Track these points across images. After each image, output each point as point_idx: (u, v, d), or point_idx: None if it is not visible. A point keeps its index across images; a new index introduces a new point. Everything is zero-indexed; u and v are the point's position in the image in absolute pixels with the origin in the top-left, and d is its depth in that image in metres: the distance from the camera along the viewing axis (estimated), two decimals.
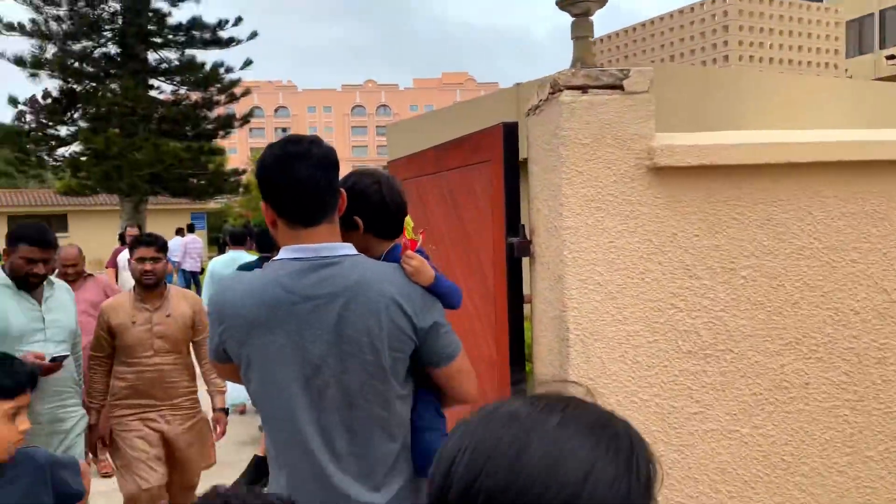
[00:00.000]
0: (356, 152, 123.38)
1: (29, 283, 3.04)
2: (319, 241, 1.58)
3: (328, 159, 1.61)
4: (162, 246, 3.51)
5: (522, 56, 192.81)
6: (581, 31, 2.34)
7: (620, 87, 2.05)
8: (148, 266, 3.40)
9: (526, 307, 2.60)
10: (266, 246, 4.99)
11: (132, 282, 3.38)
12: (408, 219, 1.73)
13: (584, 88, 2.04)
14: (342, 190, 1.65)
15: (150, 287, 3.44)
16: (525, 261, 2.51)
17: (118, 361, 3.44)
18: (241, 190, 20.13)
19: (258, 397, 1.63)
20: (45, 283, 3.16)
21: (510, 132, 2.50)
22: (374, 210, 1.71)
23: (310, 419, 1.55)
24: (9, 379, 1.98)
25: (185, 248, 13.90)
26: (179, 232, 14.96)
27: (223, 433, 3.71)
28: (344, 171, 1.75)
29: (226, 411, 3.75)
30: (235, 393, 4.77)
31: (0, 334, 2.93)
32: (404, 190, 1.82)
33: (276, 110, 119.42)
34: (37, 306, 3.10)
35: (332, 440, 1.56)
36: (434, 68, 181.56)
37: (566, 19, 2.38)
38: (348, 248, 1.61)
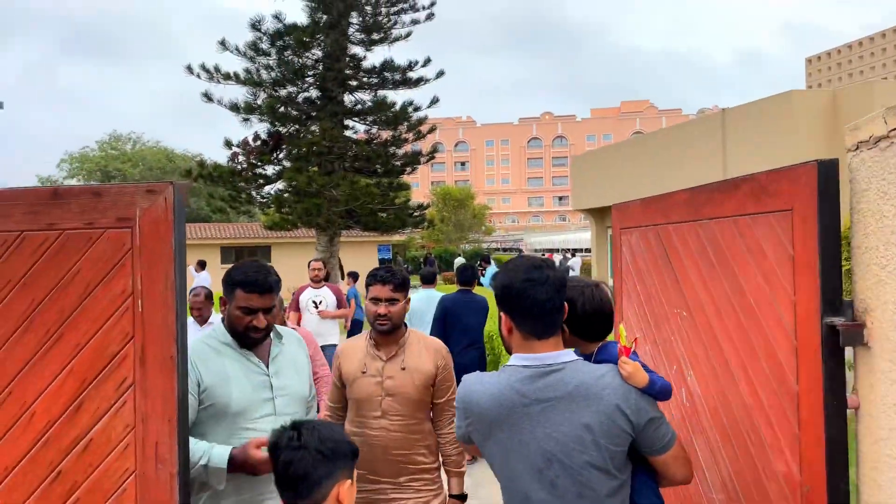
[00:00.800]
0: (532, 183, 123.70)
1: (250, 340, 2.42)
2: (547, 350, 1.85)
3: (561, 282, 1.88)
4: (400, 284, 2.88)
5: (701, 81, 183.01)
6: None
7: None
8: (382, 309, 2.83)
9: (848, 412, 1.89)
10: (466, 281, 6.16)
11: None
12: (622, 327, 2.02)
13: None
14: (566, 304, 1.91)
15: (384, 333, 2.87)
16: (849, 350, 1.82)
17: (348, 420, 2.89)
18: (425, 224, 20.50)
19: (501, 479, 1.92)
20: (272, 335, 2.53)
21: (828, 174, 1.84)
22: (576, 318, 1.99)
23: (534, 499, 1.82)
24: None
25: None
26: (201, 265, 14.83)
27: None
28: (520, 203, 1.56)
29: (462, 497, 2.97)
30: None
31: (219, 411, 2.33)
32: (608, 298, 2.07)
33: (455, 145, 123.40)
34: (263, 369, 2.46)
35: None
36: (608, 97, 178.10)
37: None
38: (569, 356, 1.86)
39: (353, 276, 13.99)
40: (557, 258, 35.08)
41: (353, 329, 9.89)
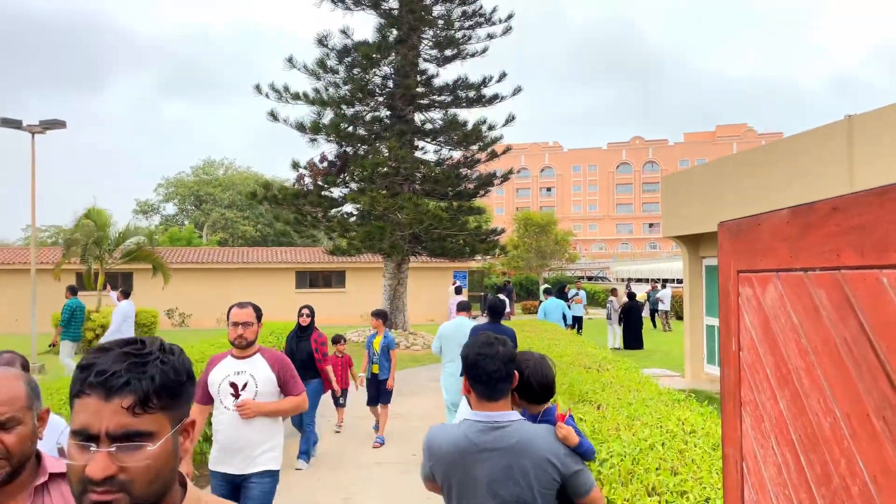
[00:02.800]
0: (620, 210, 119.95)
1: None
2: (496, 410, 2.36)
3: (509, 357, 2.40)
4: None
5: (792, 108, 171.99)
6: None
7: None
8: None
9: None
10: (496, 313, 6.64)
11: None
12: (557, 397, 3.13)
13: None
14: (515, 373, 2.44)
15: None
16: None
17: None
18: (497, 251, 19.09)
19: None
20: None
21: None
22: (524, 385, 2.53)
23: None
24: None
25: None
26: (125, 294, 13.05)
27: None
28: (608, 229, 6.98)
29: None
30: None
31: None
32: (550, 370, 2.60)
33: (541, 170, 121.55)
34: None
35: None
36: (698, 123, 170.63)
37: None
38: (514, 416, 2.37)
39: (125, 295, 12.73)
40: (640, 289, 32.80)
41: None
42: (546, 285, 29.02)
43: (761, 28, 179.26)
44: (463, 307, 7.29)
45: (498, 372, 2.33)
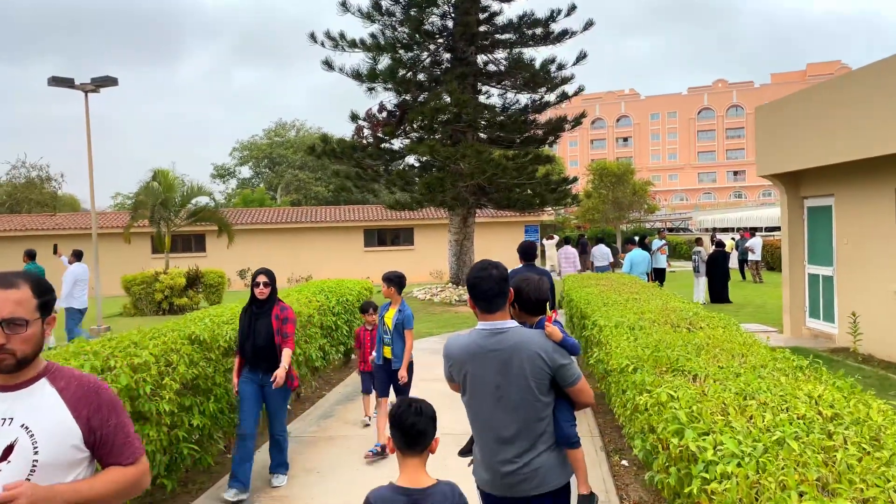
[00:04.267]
0: (702, 158, 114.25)
1: None
2: (495, 320, 2.85)
3: (501, 277, 2.86)
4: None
5: (874, 44, 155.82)
6: None
7: None
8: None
9: None
10: (528, 256, 7.01)
11: None
12: (548, 305, 3.39)
13: None
14: (511, 290, 2.95)
15: None
16: None
17: None
18: (569, 201, 17.81)
19: (468, 403, 2.93)
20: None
21: None
22: (524, 300, 3.11)
23: (491, 416, 2.84)
24: None
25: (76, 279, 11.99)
26: (76, 255, 12.11)
27: None
28: (689, 179, 48.34)
29: None
30: None
31: None
32: (545, 287, 3.22)
33: (617, 120, 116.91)
34: None
35: (501, 427, 2.82)
36: (781, 63, 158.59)
37: None
38: (512, 323, 2.87)
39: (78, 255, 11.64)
40: (727, 238, 30.68)
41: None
42: (634, 237, 27.40)
43: None
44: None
45: (492, 289, 2.82)
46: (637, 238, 15.98)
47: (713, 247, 18.45)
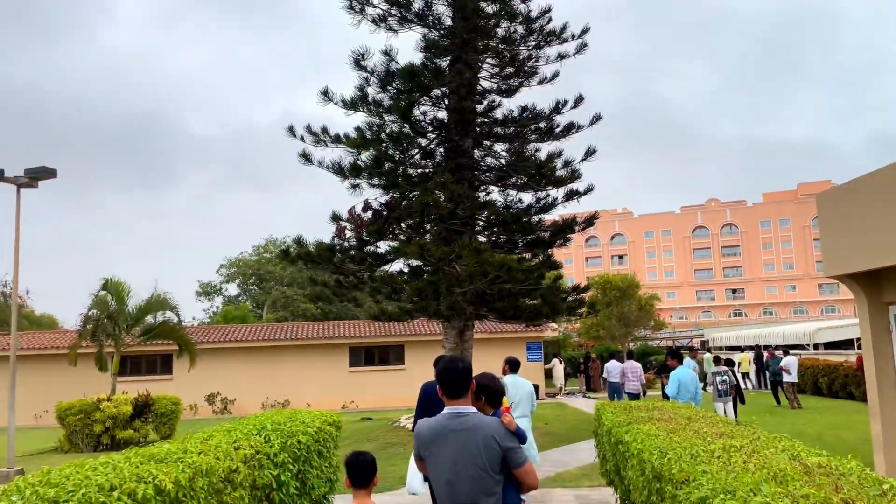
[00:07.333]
0: (700, 276, 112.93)
1: None
2: (459, 405, 3.37)
3: (466, 369, 3.43)
4: None
5: (832, 170, 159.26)
6: None
7: None
8: None
9: None
10: (514, 367, 8.48)
11: None
12: (504, 398, 3.86)
13: None
14: (473, 381, 3.49)
15: None
16: None
17: None
18: (585, 310, 15.33)
19: (431, 476, 3.39)
20: None
21: None
22: (487, 393, 3.86)
23: (449, 490, 3.26)
24: None
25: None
26: None
27: None
28: (687, 297, 70.48)
29: None
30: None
31: None
32: (500, 385, 4.03)
33: (612, 238, 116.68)
34: None
35: (460, 498, 3.23)
36: (770, 182, 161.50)
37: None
38: (472, 409, 3.38)
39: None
40: (738, 357, 28.03)
41: None
42: (669, 347, 24.69)
43: (815, 90, 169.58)
44: (514, 368, 8.51)
45: (458, 379, 3.39)
46: (674, 349, 13.36)
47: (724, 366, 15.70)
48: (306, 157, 14.48)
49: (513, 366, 8.45)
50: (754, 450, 4.36)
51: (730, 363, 17.25)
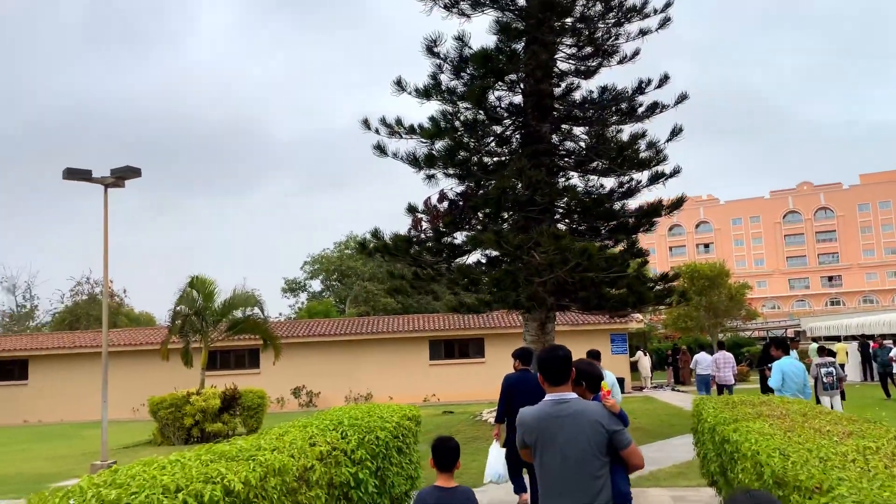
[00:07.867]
0: (792, 263, 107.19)
1: None
2: (560, 392, 3.47)
3: (566, 357, 3.55)
4: None
5: None
6: None
7: None
8: None
9: None
10: (525, 361, 8.03)
11: None
12: (604, 382, 4.06)
13: None
14: (574, 369, 3.59)
15: None
16: None
17: None
18: (674, 298, 14.52)
19: (538, 463, 3.45)
20: None
21: None
22: (587, 378, 3.91)
23: (557, 472, 3.37)
24: None
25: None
26: None
27: None
28: (779, 286, 69.87)
29: None
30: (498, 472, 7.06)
31: None
32: (598, 370, 4.20)
33: (696, 226, 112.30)
34: None
35: (565, 482, 3.35)
36: (865, 165, 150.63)
37: None
38: (573, 395, 3.49)
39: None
40: (836, 346, 26.31)
41: None
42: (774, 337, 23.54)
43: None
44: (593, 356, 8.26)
45: (559, 367, 3.50)
46: (779, 338, 12.44)
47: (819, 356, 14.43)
48: (381, 150, 14.32)
49: (595, 357, 8.47)
50: (894, 452, 3.75)
51: (830, 354, 16.09)
